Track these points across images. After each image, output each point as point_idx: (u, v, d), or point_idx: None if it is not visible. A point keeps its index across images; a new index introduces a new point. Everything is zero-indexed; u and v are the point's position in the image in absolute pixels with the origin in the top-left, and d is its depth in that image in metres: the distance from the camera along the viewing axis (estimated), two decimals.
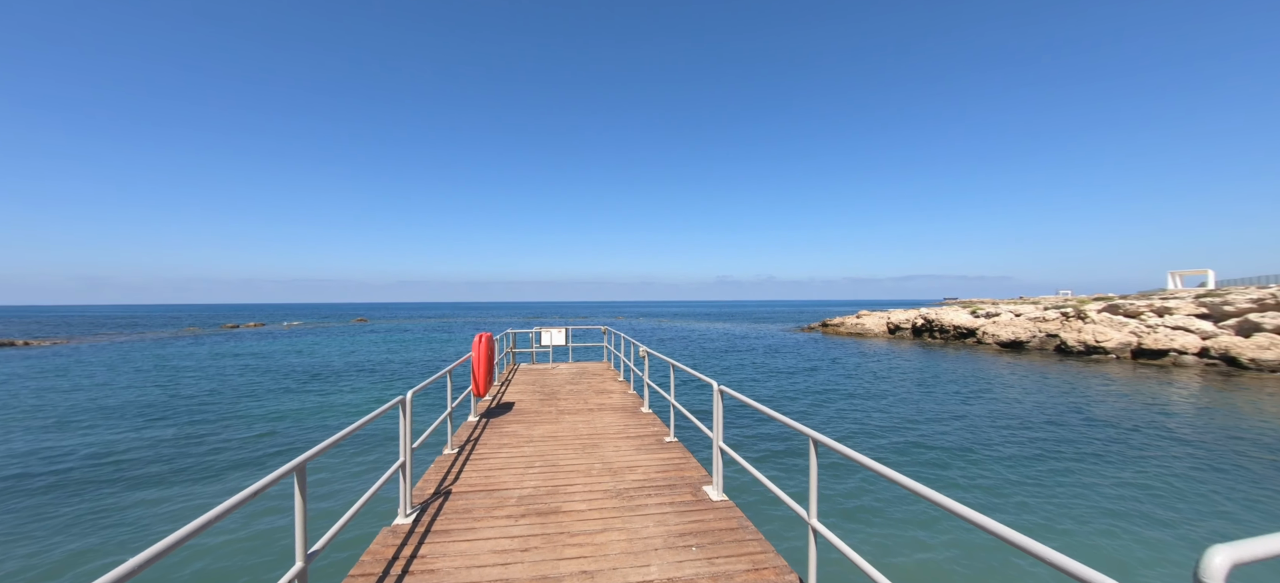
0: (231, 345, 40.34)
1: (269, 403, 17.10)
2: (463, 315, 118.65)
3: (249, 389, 20.24)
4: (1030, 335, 33.88)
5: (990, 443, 12.33)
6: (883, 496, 8.64)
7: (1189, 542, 7.44)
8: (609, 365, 14.29)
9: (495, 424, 7.79)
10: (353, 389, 20.34)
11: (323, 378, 23.09)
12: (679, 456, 6.28)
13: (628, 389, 10.60)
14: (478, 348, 8.05)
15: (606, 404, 9.20)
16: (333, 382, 22.04)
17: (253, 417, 15.05)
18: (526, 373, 13.07)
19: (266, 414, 15.38)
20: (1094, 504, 8.70)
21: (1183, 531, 7.83)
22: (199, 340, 45.73)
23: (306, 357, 32.03)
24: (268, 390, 19.84)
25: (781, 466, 10.49)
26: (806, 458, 10.07)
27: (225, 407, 16.55)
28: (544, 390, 10.63)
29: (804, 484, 8.92)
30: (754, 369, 26.29)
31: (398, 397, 4.57)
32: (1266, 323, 26.03)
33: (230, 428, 13.78)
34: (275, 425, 14.04)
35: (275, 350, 36.25)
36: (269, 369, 26.06)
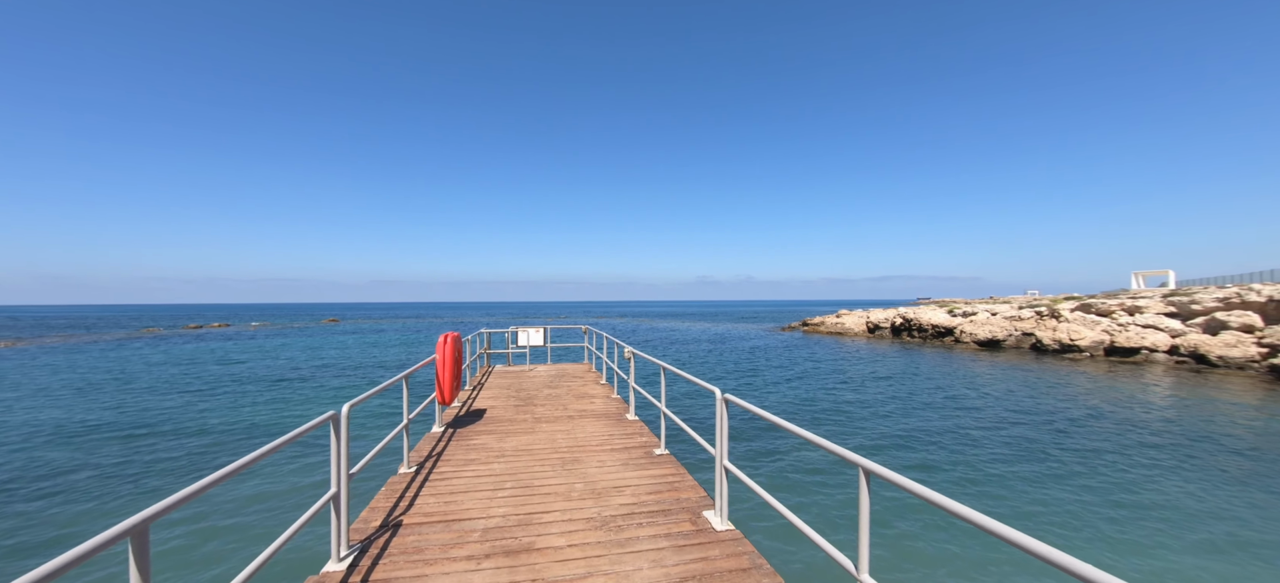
0: (189, 348, 38.10)
1: (203, 413, 15.56)
2: (439, 315, 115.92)
3: (188, 395, 18.70)
4: (1007, 334, 34.13)
5: (1038, 458, 11.84)
6: (943, 532, 7.22)
7: (1199, 543, 6.96)
8: (590, 367, 13.41)
9: (462, 436, 6.85)
10: (301, 397, 18.66)
11: (270, 384, 21.54)
12: (672, 472, 5.46)
13: (611, 393, 9.74)
14: (442, 350, 7.09)
15: (588, 411, 8.32)
16: (281, 388, 20.40)
17: (172, 430, 13.42)
18: (501, 376, 12.10)
19: (192, 427, 13.82)
20: (1104, 509, 8.19)
21: (1182, 528, 7.38)
22: (156, 342, 43.17)
23: (263, 360, 30.24)
24: (205, 397, 18.26)
25: (794, 485, 9.27)
26: (827, 478, 9.33)
27: (154, 416, 15.03)
28: (519, 395, 9.70)
29: (828, 514, 7.99)
30: (742, 371, 25.69)
31: (329, 412, 3.61)
32: (1232, 321, 26.55)
33: (136, 447, 11.97)
34: (192, 441, 12.48)
35: (232, 353, 34.26)
36: (213, 374, 24.36)
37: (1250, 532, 7.46)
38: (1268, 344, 24.47)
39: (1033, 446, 11.84)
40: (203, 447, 12.00)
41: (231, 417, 15.10)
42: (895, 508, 7.86)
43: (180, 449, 11.81)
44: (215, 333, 55.80)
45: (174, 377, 23.08)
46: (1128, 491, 9.08)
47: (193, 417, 15.06)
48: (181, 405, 16.71)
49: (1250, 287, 27.92)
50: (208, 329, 66.08)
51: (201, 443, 12.32)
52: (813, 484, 9.21)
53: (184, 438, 12.76)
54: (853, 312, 47.75)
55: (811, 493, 8.85)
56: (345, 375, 23.84)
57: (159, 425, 13.98)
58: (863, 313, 46.42)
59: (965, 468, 10.23)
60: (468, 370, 10.47)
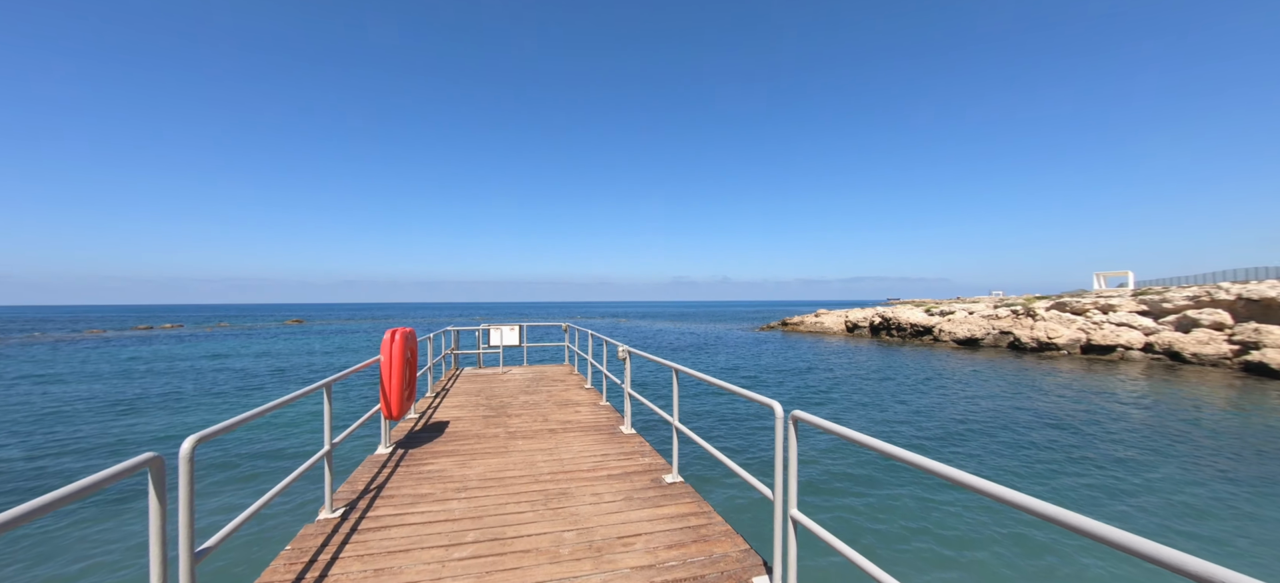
0: (129, 351, 34.80)
1: (110, 424, 13.36)
2: (410, 316, 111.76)
3: (91, 406, 16.35)
4: (985, 333, 33.96)
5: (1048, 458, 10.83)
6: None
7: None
8: (572, 369, 11.88)
9: (415, 461, 5.29)
10: (207, 407, 16.06)
11: (195, 394, 19.23)
12: (695, 511, 4.04)
13: (599, 400, 8.27)
14: (389, 350, 5.48)
15: (574, 423, 6.84)
16: (205, 400, 17.93)
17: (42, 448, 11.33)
18: (471, 380, 10.47)
19: (75, 446, 11.66)
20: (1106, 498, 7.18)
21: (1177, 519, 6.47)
22: (99, 344, 39.49)
23: (205, 364, 27.58)
24: (112, 408, 15.94)
25: (894, 535, 6.89)
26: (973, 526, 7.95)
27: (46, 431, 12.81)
28: (490, 403, 8.13)
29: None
30: (742, 373, 24.46)
31: (146, 454, 2.04)
32: (1203, 319, 26.73)
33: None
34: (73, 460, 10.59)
35: (176, 355, 31.31)
36: (133, 381, 21.83)
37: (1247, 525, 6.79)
38: (1239, 341, 24.62)
39: (1049, 443, 10.91)
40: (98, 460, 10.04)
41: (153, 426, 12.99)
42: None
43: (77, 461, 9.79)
44: (164, 335, 51.82)
45: (111, 380, 20.47)
46: (1121, 484, 8.48)
47: (140, 423, 12.89)
48: (131, 409, 14.46)
49: (1219, 286, 28.24)
50: (158, 330, 61.60)
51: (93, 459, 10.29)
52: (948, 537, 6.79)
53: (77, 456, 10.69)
54: (832, 311, 47.33)
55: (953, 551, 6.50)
56: (285, 379, 21.62)
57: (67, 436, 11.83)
58: (842, 313, 46.02)
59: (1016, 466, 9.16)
60: (428, 375, 8.83)
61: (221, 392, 18.63)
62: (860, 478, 8.78)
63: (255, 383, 20.62)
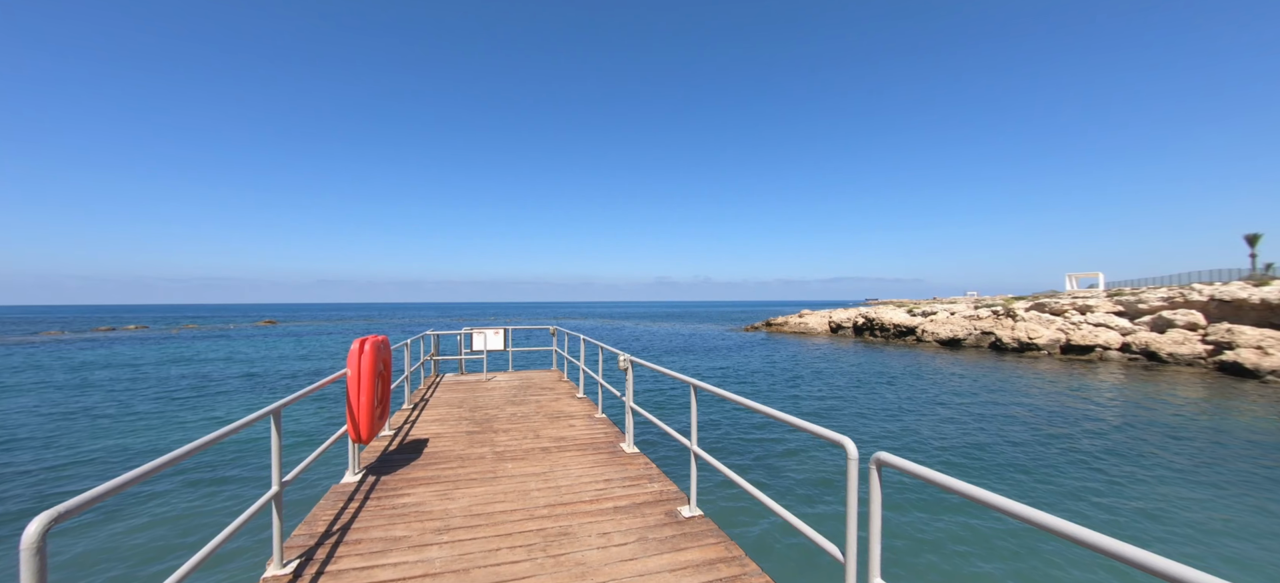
0: (84, 354, 32.77)
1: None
2: (389, 317, 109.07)
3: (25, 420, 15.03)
4: (967, 333, 34.18)
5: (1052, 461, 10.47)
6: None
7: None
8: (561, 375, 11.15)
9: (388, 490, 4.54)
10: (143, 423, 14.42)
11: (129, 404, 17.93)
12: (723, 556, 3.39)
13: (594, 412, 7.58)
14: (357, 363, 4.70)
15: (569, 440, 6.14)
16: (143, 420, 16.67)
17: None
18: (452, 388, 9.67)
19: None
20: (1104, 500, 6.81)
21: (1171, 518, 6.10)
22: (54, 348, 37.17)
23: (159, 370, 26.01)
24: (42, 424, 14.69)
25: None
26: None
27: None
28: (475, 416, 7.38)
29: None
30: (740, 376, 23.95)
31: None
32: (1178, 320, 27.21)
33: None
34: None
35: (131, 361, 29.53)
36: (73, 394, 20.36)
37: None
38: (1212, 342, 25.08)
39: (1051, 444, 10.59)
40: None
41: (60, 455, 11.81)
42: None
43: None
44: (126, 337, 49.26)
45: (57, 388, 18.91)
46: (1117, 482, 8.04)
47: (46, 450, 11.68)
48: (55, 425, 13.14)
49: (1192, 287, 28.81)
50: (121, 331, 58.63)
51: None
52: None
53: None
54: (815, 312, 47.35)
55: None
56: (244, 387, 20.37)
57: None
58: (825, 313, 46.05)
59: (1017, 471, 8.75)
60: (406, 384, 8.03)
61: (180, 398, 17.34)
62: (946, 528, 7.20)
63: (214, 389, 19.28)
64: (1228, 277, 41.24)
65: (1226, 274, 41.75)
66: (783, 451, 10.52)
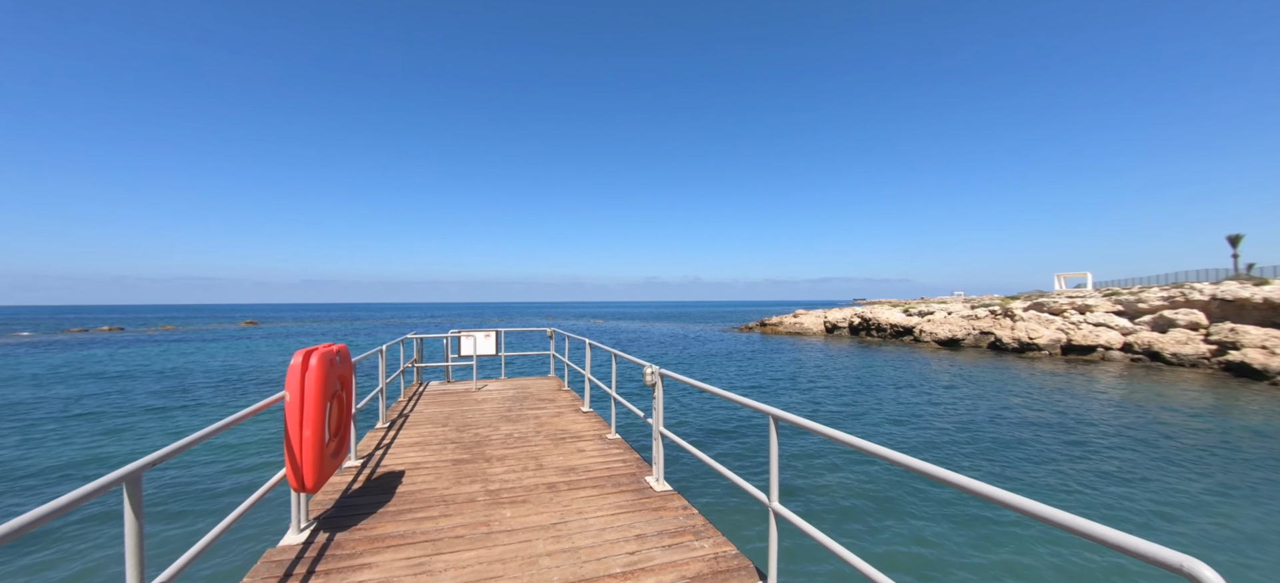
0: (50, 358, 30.67)
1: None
2: (373, 317, 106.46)
3: None
4: (966, 333, 33.53)
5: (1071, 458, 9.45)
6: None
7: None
8: (560, 383, 9.90)
9: (343, 555, 3.28)
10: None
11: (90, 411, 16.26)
12: None
13: (605, 430, 6.35)
14: (298, 384, 3.36)
15: (580, 471, 4.91)
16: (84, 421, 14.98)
17: None
18: (437, 400, 8.36)
19: None
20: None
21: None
22: (17, 351, 34.87)
23: (115, 376, 24.20)
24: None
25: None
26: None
27: None
28: (462, 437, 6.11)
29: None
30: (759, 381, 22.81)
31: None
32: (1180, 319, 26.72)
33: None
34: None
35: (90, 363, 27.59)
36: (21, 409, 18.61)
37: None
38: (1216, 341, 24.59)
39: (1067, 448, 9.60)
40: None
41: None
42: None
43: None
44: (96, 338, 46.83)
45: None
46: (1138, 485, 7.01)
47: None
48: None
49: (1193, 286, 28.38)
50: (94, 333, 55.93)
51: None
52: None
53: None
54: (810, 312, 46.55)
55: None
56: (208, 391, 18.76)
57: None
58: (820, 313, 45.26)
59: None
60: (382, 398, 6.73)
61: (110, 414, 15.71)
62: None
63: (168, 399, 17.59)
64: (1211, 277, 41.27)
65: (1210, 275, 41.77)
66: (821, 459, 9.40)
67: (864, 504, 7.66)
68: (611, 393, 6.12)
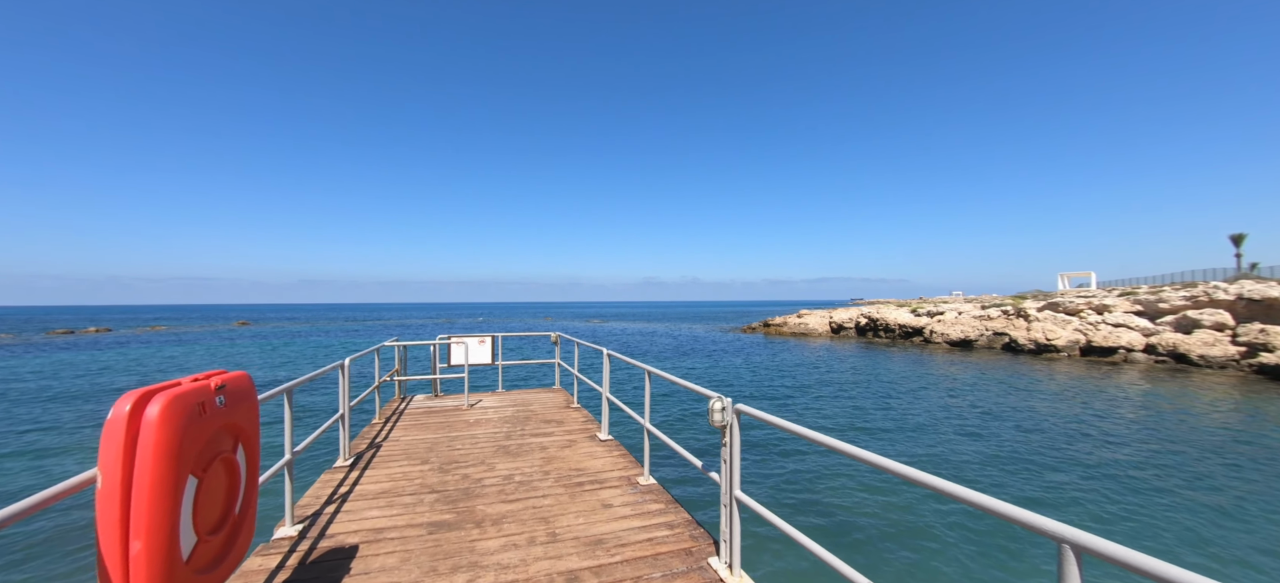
0: (17, 362, 28.79)
1: None
2: (370, 317, 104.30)
3: None
4: (978, 334, 32.19)
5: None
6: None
7: None
8: (567, 397, 8.34)
9: None
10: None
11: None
12: None
13: (635, 471, 4.82)
14: (117, 456, 1.78)
15: (611, 540, 3.37)
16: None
17: None
18: (419, 423, 6.80)
19: None
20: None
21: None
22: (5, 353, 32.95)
23: (78, 381, 22.45)
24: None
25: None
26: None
27: None
28: (447, 483, 4.56)
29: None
30: (787, 389, 21.30)
31: None
32: (1205, 319, 25.46)
33: None
34: None
35: (61, 366, 25.78)
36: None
37: None
38: (1245, 343, 23.34)
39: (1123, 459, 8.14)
40: None
41: None
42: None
43: None
44: (81, 341, 44.84)
45: None
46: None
47: None
48: None
49: (1217, 285, 27.15)
50: (80, 335, 53.86)
51: None
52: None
53: None
54: (814, 312, 45.16)
55: None
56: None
57: None
58: (825, 313, 43.88)
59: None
60: (343, 428, 5.16)
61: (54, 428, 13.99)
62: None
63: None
64: (1215, 277, 40.22)
65: (1213, 274, 40.71)
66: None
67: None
68: (645, 425, 4.56)
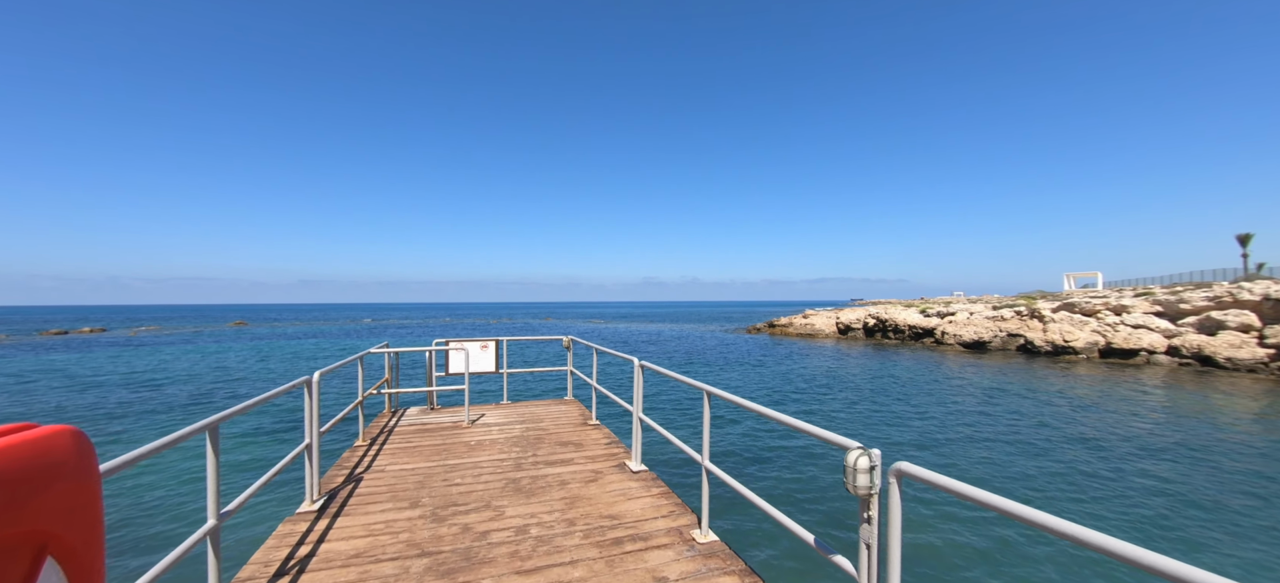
0: (15, 362, 27.55)
1: None
2: (368, 317, 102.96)
3: None
4: (992, 335, 31.15)
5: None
6: None
7: None
8: (584, 411, 7.21)
9: None
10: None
11: None
12: None
13: (685, 517, 3.70)
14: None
15: None
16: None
17: None
18: (409, 445, 5.66)
19: None
20: None
21: None
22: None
23: (52, 383, 21.23)
24: None
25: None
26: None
27: None
28: (440, 536, 3.43)
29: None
30: (814, 393, 20.18)
31: None
32: (1229, 321, 24.44)
33: None
34: None
35: (45, 368, 24.56)
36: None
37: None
38: (1273, 345, 22.33)
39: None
40: None
41: None
42: None
43: None
44: (74, 341, 43.56)
45: None
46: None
47: None
48: None
49: (1241, 285, 26.14)
50: (73, 335, 52.59)
51: None
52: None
53: None
54: (820, 312, 44.10)
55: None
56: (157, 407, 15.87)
57: None
58: (832, 313, 42.82)
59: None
60: (308, 464, 4.05)
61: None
62: None
63: (209, 391, 14.71)
64: (1222, 277, 39.33)
65: (1220, 275, 39.81)
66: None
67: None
68: (703, 462, 3.44)
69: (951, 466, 9.38)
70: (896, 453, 10.08)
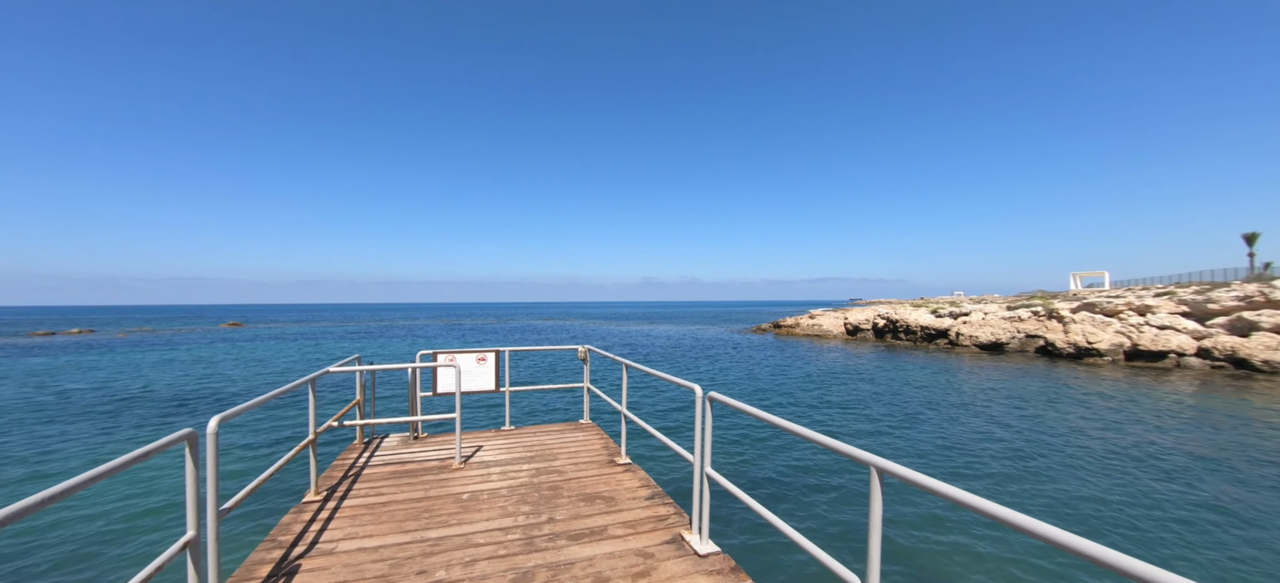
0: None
1: None
2: (368, 317, 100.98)
3: None
4: (1010, 336, 29.79)
5: None
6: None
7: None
8: (606, 440, 5.66)
9: None
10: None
11: None
12: None
13: None
14: None
15: None
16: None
17: None
18: (379, 500, 4.10)
19: None
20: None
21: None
22: None
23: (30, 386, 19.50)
24: None
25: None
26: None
27: None
28: None
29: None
30: (843, 404, 18.69)
31: None
32: (1263, 322, 23.13)
33: None
34: None
35: (24, 372, 22.79)
36: None
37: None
38: None
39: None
40: None
41: None
42: None
43: None
44: (59, 342, 41.65)
45: None
46: None
47: None
48: None
49: (1271, 284, 24.86)
50: (61, 336, 50.63)
51: None
52: None
53: None
54: (827, 312, 42.71)
55: None
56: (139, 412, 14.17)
57: None
58: (840, 314, 41.41)
59: None
60: (185, 561, 2.53)
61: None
62: None
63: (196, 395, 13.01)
64: (1228, 276, 38.18)
65: (1227, 274, 38.64)
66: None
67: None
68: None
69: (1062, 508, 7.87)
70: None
